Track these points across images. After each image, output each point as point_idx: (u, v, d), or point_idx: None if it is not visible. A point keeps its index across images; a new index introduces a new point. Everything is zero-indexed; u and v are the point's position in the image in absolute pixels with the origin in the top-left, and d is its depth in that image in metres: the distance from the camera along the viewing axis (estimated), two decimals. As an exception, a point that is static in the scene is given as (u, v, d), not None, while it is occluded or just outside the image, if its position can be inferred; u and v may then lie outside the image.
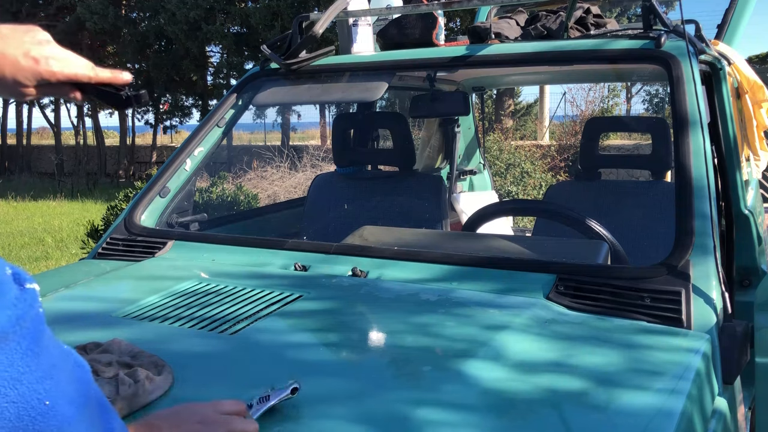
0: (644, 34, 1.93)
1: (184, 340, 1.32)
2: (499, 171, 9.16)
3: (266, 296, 1.52)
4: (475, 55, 2.09)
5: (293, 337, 1.36)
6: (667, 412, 1.06)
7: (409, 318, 1.40)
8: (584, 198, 2.74)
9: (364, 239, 1.94)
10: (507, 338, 1.27)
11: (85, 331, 1.39)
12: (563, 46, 2.03)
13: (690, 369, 1.20)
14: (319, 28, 2.18)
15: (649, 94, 20.05)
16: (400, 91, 4.44)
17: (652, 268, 1.48)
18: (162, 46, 19.22)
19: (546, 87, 15.66)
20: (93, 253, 2.05)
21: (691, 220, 1.53)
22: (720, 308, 1.43)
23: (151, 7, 17.63)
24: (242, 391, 1.09)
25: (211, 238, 1.98)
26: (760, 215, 2.70)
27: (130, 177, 20.55)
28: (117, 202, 6.04)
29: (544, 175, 9.45)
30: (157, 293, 1.58)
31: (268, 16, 14.90)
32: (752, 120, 2.57)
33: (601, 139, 3.57)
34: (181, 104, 21.59)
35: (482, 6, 2.89)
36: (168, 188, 2.19)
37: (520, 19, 2.52)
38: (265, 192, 9.73)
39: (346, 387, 1.12)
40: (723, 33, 2.69)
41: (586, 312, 1.44)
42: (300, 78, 2.28)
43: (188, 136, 2.34)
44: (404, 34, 2.39)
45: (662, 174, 2.84)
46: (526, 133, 16.61)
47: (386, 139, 3.28)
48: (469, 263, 1.62)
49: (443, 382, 1.13)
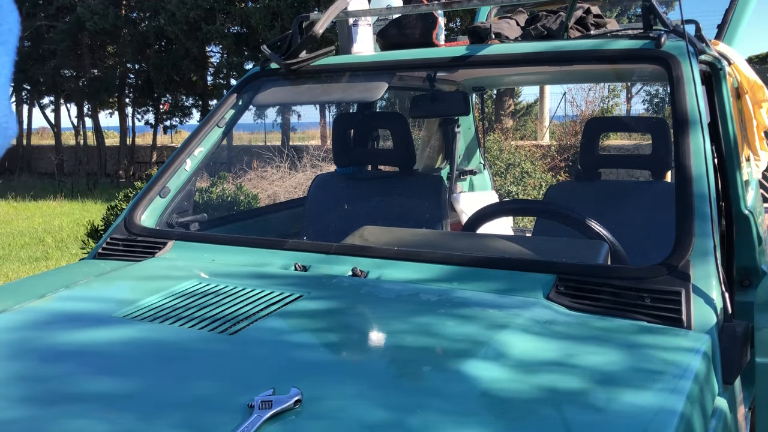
0: (644, 34, 1.93)
1: (184, 341, 1.32)
2: (499, 171, 9.16)
3: (266, 296, 1.52)
4: (475, 55, 2.09)
5: (293, 337, 1.36)
6: (667, 412, 1.06)
7: (409, 318, 1.40)
8: (584, 198, 2.74)
9: (364, 239, 1.94)
10: (507, 338, 1.27)
11: (84, 332, 1.39)
12: (563, 46, 2.03)
13: (690, 369, 1.20)
14: (319, 28, 2.17)
15: (649, 94, 20.06)
16: (400, 91, 4.43)
17: (652, 268, 1.48)
18: (162, 46, 19.24)
19: (546, 87, 15.65)
20: (93, 253, 2.05)
21: (691, 220, 1.53)
22: (720, 308, 1.43)
23: (151, 7, 17.64)
24: (242, 392, 1.09)
25: (211, 238, 1.98)
26: (760, 215, 2.70)
27: (130, 177, 20.55)
28: (117, 202, 6.04)
29: (544, 175, 9.45)
30: (157, 293, 1.58)
31: (268, 16, 14.90)
32: (752, 120, 2.57)
33: (601, 139, 3.57)
34: (181, 104, 21.62)
35: (482, 6, 2.88)
36: (168, 188, 2.18)
37: (520, 19, 2.52)
38: (265, 192, 9.73)
39: (346, 387, 1.12)
40: (723, 33, 2.68)
41: (586, 312, 1.44)
42: (300, 78, 2.28)
43: (188, 136, 2.34)
44: (404, 35, 2.39)
45: (662, 174, 2.84)
46: (526, 133, 16.60)
47: (386, 139, 3.28)
48: (470, 263, 1.62)
49: (443, 382, 1.13)
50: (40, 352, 1.31)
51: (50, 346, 1.33)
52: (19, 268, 7.50)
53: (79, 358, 1.28)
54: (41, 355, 1.30)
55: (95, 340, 1.34)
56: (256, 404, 1.03)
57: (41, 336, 1.39)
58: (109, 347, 1.31)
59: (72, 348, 1.32)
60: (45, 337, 1.38)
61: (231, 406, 1.06)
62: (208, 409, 1.07)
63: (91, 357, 1.28)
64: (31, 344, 1.35)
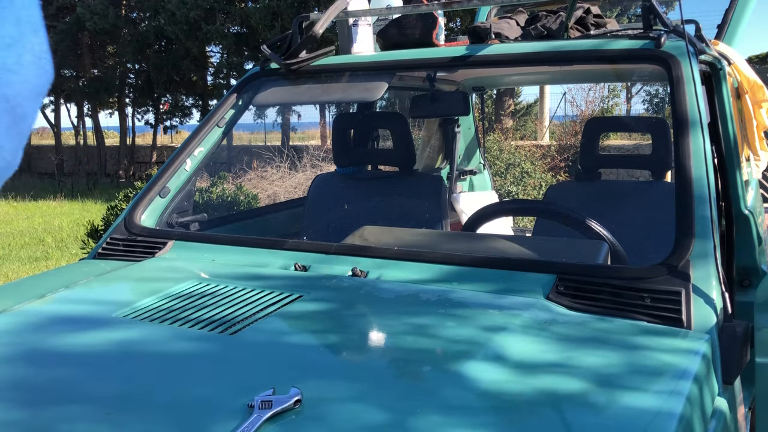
0: (644, 34, 1.93)
1: (184, 341, 1.32)
2: (499, 171, 9.15)
3: (266, 296, 1.52)
4: (475, 55, 2.09)
5: (293, 337, 1.37)
6: (667, 413, 1.06)
7: (409, 318, 1.40)
8: (584, 198, 2.74)
9: (364, 239, 1.94)
10: (507, 338, 1.27)
11: (84, 332, 1.39)
12: (563, 46, 2.03)
13: (690, 369, 1.20)
14: (319, 28, 2.17)
15: (649, 94, 20.04)
16: (400, 91, 4.43)
17: (652, 268, 1.48)
18: (162, 46, 19.24)
19: (546, 87, 15.65)
20: (93, 253, 2.05)
21: (691, 220, 1.53)
22: (720, 308, 1.43)
23: (151, 7, 17.64)
24: (242, 392, 1.09)
25: (211, 239, 1.98)
26: (760, 215, 2.70)
27: (130, 177, 20.56)
28: (117, 202, 6.04)
29: (544, 175, 9.44)
30: (157, 294, 1.58)
31: (268, 16, 14.90)
32: (752, 120, 2.57)
33: (601, 139, 3.57)
34: (181, 104, 21.62)
35: (482, 6, 2.88)
36: (168, 188, 2.18)
37: (520, 19, 2.52)
38: (265, 192, 9.73)
39: (346, 388, 1.12)
40: (723, 33, 2.68)
41: (586, 312, 1.44)
42: (300, 78, 2.28)
43: (188, 136, 2.34)
44: (404, 35, 2.39)
45: (662, 174, 2.84)
46: (526, 133, 16.60)
47: (386, 139, 3.28)
48: (469, 263, 1.62)
49: (443, 382, 1.13)
50: (40, 352, 1.31)
51: (50, 347, 1.33)
52: (19, 268, 7.50)
53: (79, 359, 1.28)
54: (41, 356, 1.30)
55: (95, 341, 1.34)
56: (256, 404, 1.03)
57: (41, 336, 1.39)
58: (109, 348, 1.31)
59: (72, 348, 1.32)
60: (45, 338, 1.38)
61: (231, 406, 1.06)
62: (208, 409, 1.07)
63: (91, 357, 1.28)
64: (31, 345, 1.35)
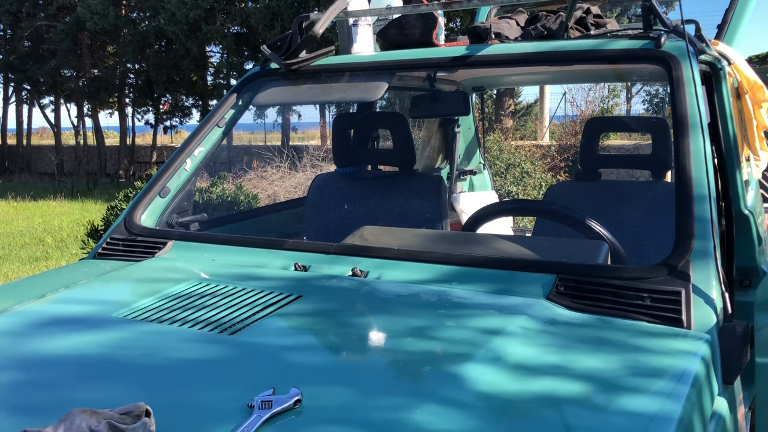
0: (644, 34, 1.92)
1: (184, 341, 1.32)
2: (499, 171, 9.16)
3: (266, 296, 1.52)
4: (475, 55, 2.09)
5: (293, 337, 1.36)
6: (667, 413, 1.06)
7: (409, 318, 1.40)
8: (584, 198, 2.74)
9: (364, 239, 1.94)
10: (507, 339, 1.26)
11: (84, 332, 1.39)
12: (563, 46, 2.03)
13: (690, 369, 1.20)
14: (319, 28, 2.17)
15: (649, 94, 20.03)
16: (400, 91, 4.43)
17: (652, 268, 1.48)
18: (162, 46, 19.23)
19: (546, 87, 15.65)
20: (93, 253, 2.05)
21: (691, 220, 1.53)
22: (720, 308, 1.43)
23: (151, 7, 17.63)
24: (242, 392, 1.09)
25: (211, 238, 1.98)
26: (760, 215, 2.69)
27: (130, 177, 20.56)
28: (117, 202, 6.04)
29: (544, 175, 9.45)
30: (157, 294, 1.58)
31: (268, 16, 14.90)
32: (752, 120, 2.57)
33: (601, 139, 3.57)
34: (181, 104, 21.61)
35: (482, 6, 2.88)
36: (168, 188, 2.18)
37: (520, 19, 2.51)
38: (265, 192, 9.73)
39: (345, 388, 1.12)
40: (723, 33, 2.68)
41: (586, 312, 1.44)
42: (300, 78, 2.28)
43: (188, 136, 2.34)
44: (404, 35, 2.39)
45: (662, 174, 2.84)
46: (526, 133, 16.60)
47: (386, 139, 3.28)
48: (469, 263, 1.62)
49: (443, 383, 1.12)
50: (40, 352, 1.31)
51: (50, 347, 1.33)
52: (19, 268, 7.49)
53: (79, 359, 1.28)
54: (41, 356, 1.30)
55: (95, 341, 1.34)
56: (256, 404, 1.03)
57: (41, 336, 1.39)
58: (109, 348, 1.31)
59: (72, 348, 1.32)
60: (45, 338, 1.38)
61: (231, 406, 1.06)
62: (208, 409, 1.07)
63: (91, 357, 1.28)
64: (31, 345, 1.35)
